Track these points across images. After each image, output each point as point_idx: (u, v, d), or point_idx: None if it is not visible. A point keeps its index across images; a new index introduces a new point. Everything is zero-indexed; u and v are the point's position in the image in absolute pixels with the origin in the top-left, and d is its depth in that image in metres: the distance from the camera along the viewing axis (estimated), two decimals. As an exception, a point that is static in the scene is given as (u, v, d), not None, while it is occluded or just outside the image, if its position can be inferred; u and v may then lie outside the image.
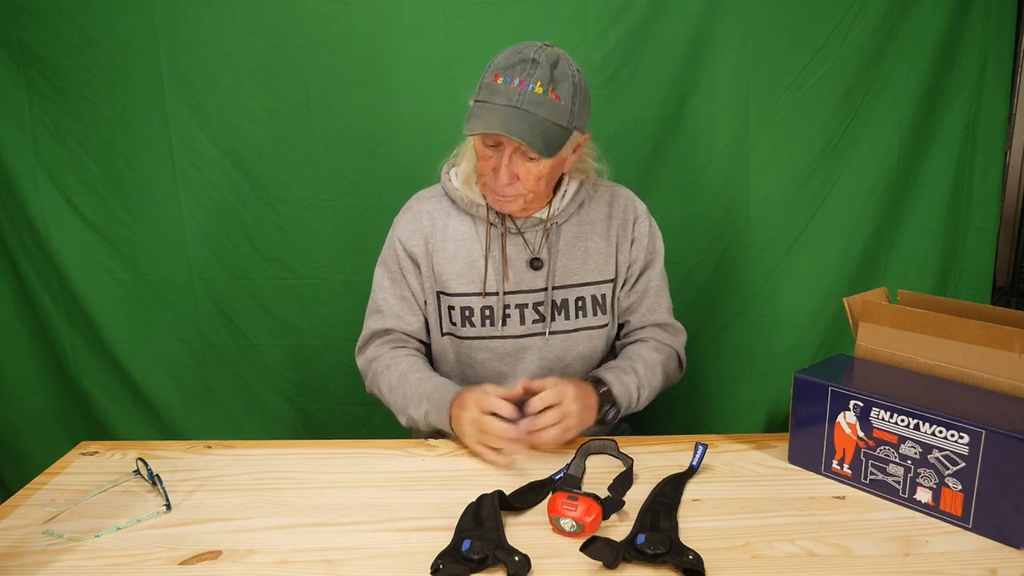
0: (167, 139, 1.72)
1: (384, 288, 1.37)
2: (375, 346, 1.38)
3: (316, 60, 1.67)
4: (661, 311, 1.41)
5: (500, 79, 1.16)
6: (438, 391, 1.23)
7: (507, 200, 1.24)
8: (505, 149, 1.19)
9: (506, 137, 1.16)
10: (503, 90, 1.15)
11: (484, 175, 1.24)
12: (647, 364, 1.33)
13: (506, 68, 1.17)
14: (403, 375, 1.29)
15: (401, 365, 1.32)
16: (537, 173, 1.20)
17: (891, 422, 0.99)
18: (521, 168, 1.20)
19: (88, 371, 1.87)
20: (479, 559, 0.87)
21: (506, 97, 1.15)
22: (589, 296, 1.34)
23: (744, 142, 1.72)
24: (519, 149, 1.18)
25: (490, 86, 1.17)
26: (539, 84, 1.15)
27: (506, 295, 1.32)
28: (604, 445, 1.16)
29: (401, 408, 1.29)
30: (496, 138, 1.18)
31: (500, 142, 1.19)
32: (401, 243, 1.35)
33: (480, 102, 1.18)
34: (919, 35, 1.66)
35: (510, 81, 1.15)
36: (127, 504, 1.05)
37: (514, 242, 1.32)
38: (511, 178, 1.20)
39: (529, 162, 1.19)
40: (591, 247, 1.34)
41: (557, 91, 1.16)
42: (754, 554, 0.90)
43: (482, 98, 1.18)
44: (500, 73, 1.17)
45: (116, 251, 1.80)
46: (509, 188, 1.21)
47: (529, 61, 1.16)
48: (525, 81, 1.15)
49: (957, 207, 1.76)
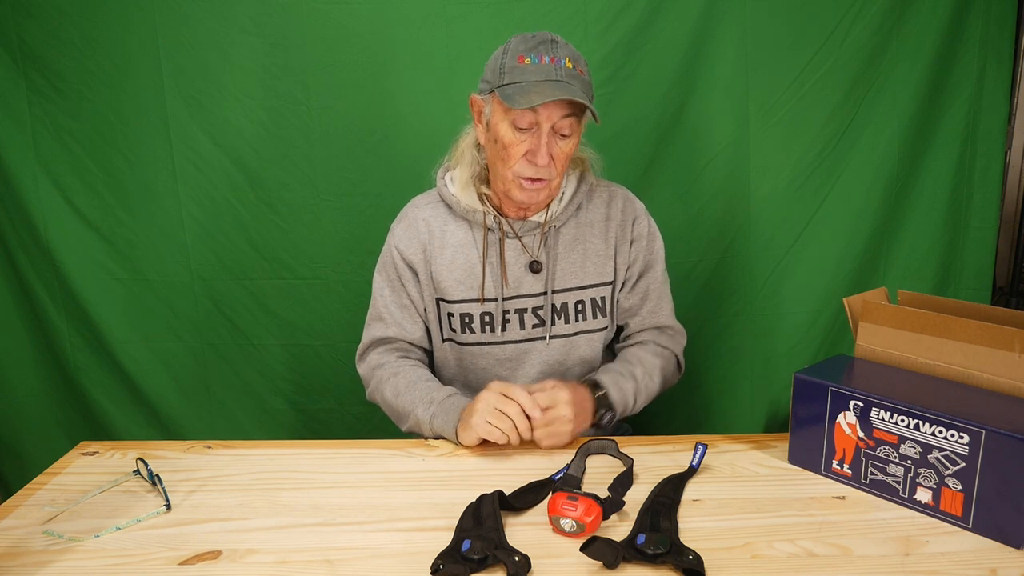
0: (167, 139, 1.72)
1: (384, 296, 1.37)
2: (378, 353, 1.37)
3: (316, 60, 1.67)
4: (663, 314, 1.40)
5: (527, 60, 1.16)
6: (450, 399, 1.23)
7: (540, 187, 1.22)
8: (542, 128, 1.17)
9: (545, 114, 1.15)
10: (534, 68, 1.15)
11: (512, 162, 1.20)
12: (646, 368, 1.33)
13: (529, 50, 1.17)
14: (413, 383, 1.29)
15: (411, 375, 1.31)
16: (568, 151, 1.21)
17: (891, 422, 0.99)
18: (555, 147, 1.19)
19: (88, 371, 1.87)
20: (479, 559, 0.86)
21: (543, 73, 1.15)
22: (589, 299, 1.34)
23: (744, 142, 1.72)
24: (555, 126, 1.17)
25: (518, 68, 1.16)
26: (568, 60, 1.16)
27: (505, 300, 1.31)
28: (604, 445, 1.16)
29: (406, 411, 1.27)
30: (533, 119, 1.17)
31: (536, 123, 1.17)
32: (399, 251, 1.34)
33: (512, 84, 1.16)
34: (919, 35, 1.66)
35: (539, 59, 1.15)
36: (127, 504, 1.05)
37: (512, 247, 1.31)
38: (550, 158, 1.19)
39: (562, 140, 1.19)
40: (590, 249, 1.33)
41: (580, 67, 1.18)
42: (754, 554, 0.90)
43: (513, 79, 1.16)
44: (524, 55, 1.17)
45: (116, 251, 1.80)
46: (545, 170, 1.20)
47: (549, 42, 1.17)
48: (556, 58, 1.16)
49: (957, 207, 1.76)
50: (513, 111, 1.16)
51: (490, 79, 1.21)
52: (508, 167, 1.22)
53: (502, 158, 1.22)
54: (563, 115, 1.17)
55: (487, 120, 1.23)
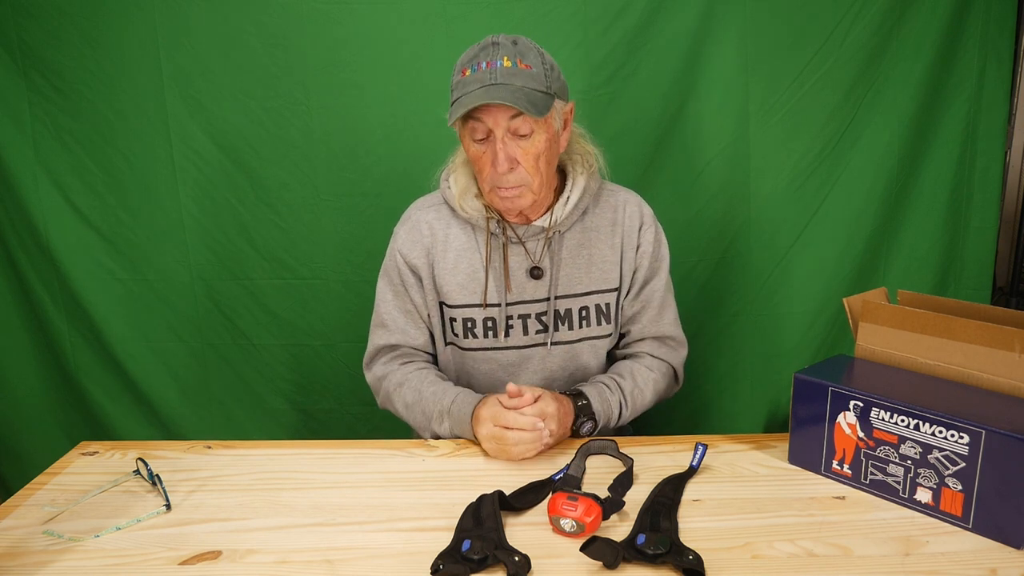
0: (167, 139, 1.72)
1: (387, 301, 1.36)
2: (383, 363, 1.37)
3: (316, 60, 1.67)
4: (665, 322, 1.38)
5: (467, 71, 1.16)
6: (456, 404, 1.23)
7: (515, 195, 1.21)
8: (495, 135, 1.17)
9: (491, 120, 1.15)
10: (472, 78, 1.15)
11: (483, 174, 1.21)
12: (636, 382, 1.32)
13: (470, 60, 1.17)
14: (418, 392, 1.28)
15: (413, 381, 1.31)
16: (534, 151, 1.18)
17: (891, 422, 0.99)
18: (517, 149, 1.18)
19: (88, 371, 1.87)
20: (479, 559, 0.86)
21: (478, 81, 1.15)
22: (593, 305, 1.33)
23: (744, 142, 1.72)
24: (508, 129, 1.16)
25: (460, 82, 1.17)
26: (506, 59, 1.15)
27: (508, 306, 1.31)
28: (604, 445, 1.16)
29: (423, 426, 1.28)
30: (484, 128, 1.16)
31: (489, 132, 1.17)
32: (402, 255, 1.33)
33: (455, 100, 1.18)
34: (919, 35, 1.66)
35: (477, 67, 1.15)
36: (127, 504, 1.05)
37: (515, 252, 1.31)
38: (510, 162, 1.17)
39: (523, 140, 1.17)
40: (595, 255, 1.32)
41: (525, 61, 1.16)
42: (754, 554, 0.90)
43: (456, 95, 1.18)
44: (465, 67, 1.17)
45: (116, 251, 1.80)
46: (512, 176, 1.18)
47: (489, 45, 1.17)
48: (492, 60, 1.15)
49: (957, 207, 1.76)
50: (467, 125, 1.18)
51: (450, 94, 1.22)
52: (483, 179, 1.23)
53: (476, 171, 1.24)
54: (510, 116, 1.15)
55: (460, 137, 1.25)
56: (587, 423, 1.23)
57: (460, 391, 1.26)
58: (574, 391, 1.26)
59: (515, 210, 1.26)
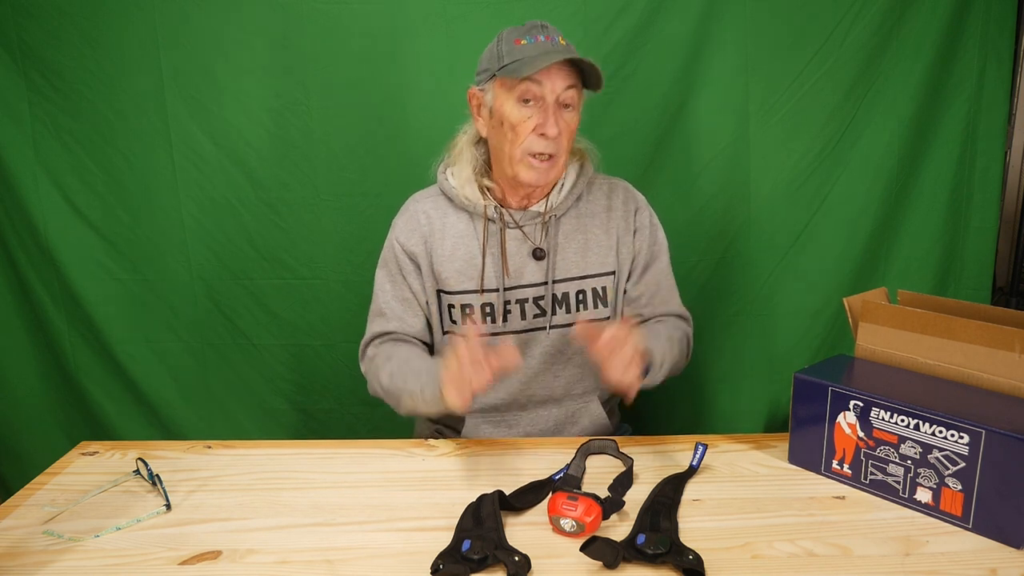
0: (167, 139, 1.72)
1: (385, 291, 1.37)
2: (375, 346, 1.37)
3: (316, 60, 1.67)
4: (674, 303, 1.41)
5: (523, 41, 1.20)
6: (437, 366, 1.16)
7: (547, 166, 1.23)
8: (547, 100, 1.20)
9: (549, 85, 1.18)
10: (532, 46, 1.19)
11: (520, 139, 1.21)
12: (671, 339, 1.28)
13: (523, 34, 1.22)
14: (406, 361, 1.26)
15: (402, 353, 1.30)
16: (573, 126, 1.24)
17: (891, 422, 0.99)
18: (562, 119, 1.21)
19: (88, 371, 1.87)
20: (479, 559, 0.87)
21: (541, 48, 1.19)
22: (590, 289, 1.34)
23: (744, 142, 1.72)
24: (559, 98, 1.20)
25: (516, 48, 1.20)
26: (560, 38, 1.22)
27: (507, 291, 1.32)
28: (604, 445, 1.16)
29: (400, 388, 1.22)
30: (538, 91, 1.19)
31: (541, 96, 1.19)
32: (400, 244, 1.34)
33: (515, 62, 1.19)
34: (919, 35, 1.66)
35: (535, 39, 1.20)
36: (127, 504, 1.05)
37: (513, 236, 1.32)
38: (558, 131, 1.20)
39: (567, 112, 1.22)
40: (591, 239, 1.34)
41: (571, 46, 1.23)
42: (754, 554, 0.90)
43: (513, 59, 1.20)
44: (520, 38, 1.21)
45: (116, 251, 1.80)
46: (554, 143, 1.21)
47: (539, 26, 1.23)
48: (550, 36, 1.21)
49: (957, 207, 1.76)
50: (519, 87, 1.19)
51: (488, 66, 1.24)
52: (517, 146, 1.22)
53: (510, 139, 1.23)
54: (567, 86, 1.20)
55: (490, 107, 1.25)
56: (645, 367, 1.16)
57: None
58: None
59: (540, 183, 1.26)
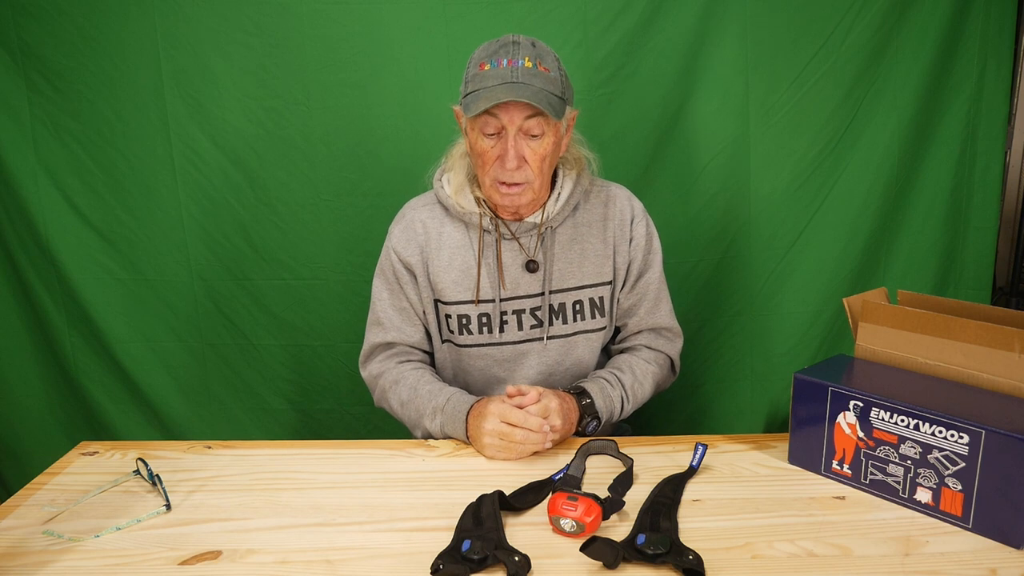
0: (167, 139, 1.72)
1: (383, 300, 1.37)
2: (379, 361, 1.38)
3: (316, 60, 1.67)
4: (660, 314, 1.40)
5: (487, 66, 1.17)
6: (451, 403, 1.23)
7: (517, 192, 1.22)
8: (508, 132, 1.18)
9: (507, 118, 1.16)
10: (492, 73, 1.16)
11: (487, 168, 1.22)
12: (636, 376, 1.33)
13: (489, 56, 1.18)
14: (413, 389, 1.29)
15: (409, 379, 1.31)
16: (542, 152, 1.20)
17: (891, 422, 0.99)
18: (527, 148, 1.19)
19: (88, 371, 1.87)
20: (479, 559, 0.87)
21: (499, 77, 1.16)
22: (587, 299, 1.34)
23: (744, 142, 1.72)
24: (522, 128, 1.18)
25: (478, 75, 1.18)
26: (527, 59, 1.17)
27: (503, 301, 1.31)
28: (604, 445, 1.16)
29: (415, 422, 1.29)
30: (497, 124, 1.18)
31: (501, 128, 1.18)
32: (396, 254, 1.34)
33: (472, 92, 1.18)
34: (919, 35, 1.66)
35: (498, 64, 1.16)
36: (127, 504, 1.05)
37: (509, 247, 1.31)
38: (519, 160, 1.19)
39: (533, 140, 1.19)
40: (588, 249, 1.33)
41: (544, 64, 1.18)
42: (754, 554, 0.90)
43: (473, 88, 1.18)
44: (485, 61, 1.18)
45: (116, 251, 1.80)
46: (518, 173, 1.20)
47: (510, 44, 1.18)
48: (513, 59, 1.16)
49: (957, 207, 1.76)
50: (479, 120, 1.18)
51: (461, 89, 1.23)
52: (485, 173, 1.23)
53: (478, 165, 1.24)
54: (526, 116, 1.17)
55: (464, 129, 1.25)
56: (592, 421, 1.24)
57: (456, 391, 1.27)
58: (576, 388, 1.26)
59: (513, 207, 1.27)
